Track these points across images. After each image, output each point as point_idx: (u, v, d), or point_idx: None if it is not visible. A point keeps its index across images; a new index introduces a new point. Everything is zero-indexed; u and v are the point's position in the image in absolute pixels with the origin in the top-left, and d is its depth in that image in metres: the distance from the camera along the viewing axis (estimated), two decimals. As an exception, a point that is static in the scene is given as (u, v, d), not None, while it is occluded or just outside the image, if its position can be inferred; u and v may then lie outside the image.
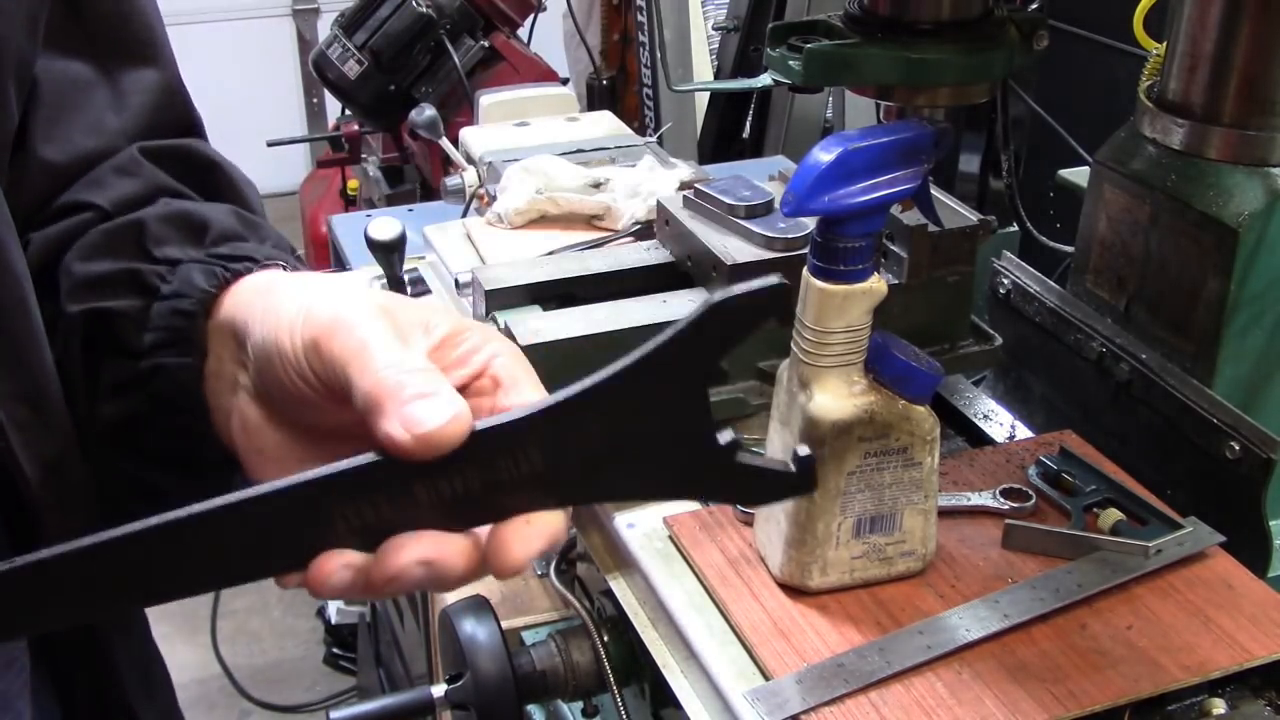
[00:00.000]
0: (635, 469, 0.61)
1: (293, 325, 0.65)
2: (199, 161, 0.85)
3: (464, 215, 1.89)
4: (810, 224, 0.97)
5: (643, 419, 0.59)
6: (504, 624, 1.17)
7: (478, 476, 0.59)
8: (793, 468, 0.62)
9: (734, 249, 1.16)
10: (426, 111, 2.00)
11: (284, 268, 0.75)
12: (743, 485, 0.62)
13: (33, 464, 0.71)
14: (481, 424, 0.59)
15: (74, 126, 0.81)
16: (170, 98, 0.86)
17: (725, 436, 0.60)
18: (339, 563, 0.59)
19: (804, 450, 0.62)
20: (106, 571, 0.59)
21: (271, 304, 0.68)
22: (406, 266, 1.54)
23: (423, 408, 0.58)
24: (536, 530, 0.60)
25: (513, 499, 0.60)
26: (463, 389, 0.63)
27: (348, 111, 2.86)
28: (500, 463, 0.59)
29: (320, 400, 0.65)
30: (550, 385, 1.13)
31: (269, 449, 0.69)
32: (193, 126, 0.88)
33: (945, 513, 1.04)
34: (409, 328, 0.64)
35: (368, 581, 0.59)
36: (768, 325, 0.58)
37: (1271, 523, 1.05)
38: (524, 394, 0.64)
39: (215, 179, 0.85)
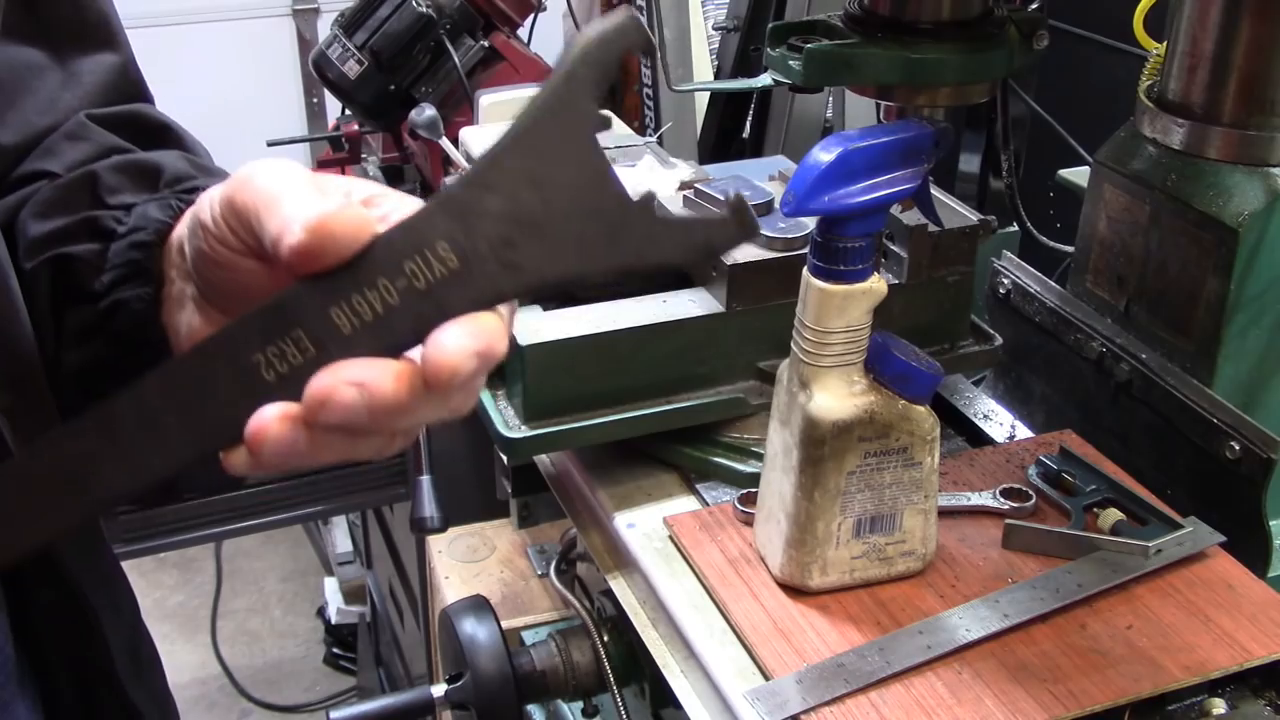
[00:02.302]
0: (551, 244, 0.58)
1: (210, 195, 0.64)
2: (149, 123, 0.85)
3: (464, 215, 1.89)
4: (810, 224, 0.97)
5: (544, 185, 0.57)
6: (504, 624, 1.18)
7: (393, 288, 0.57)
8: (726, 212, 0.58)
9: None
10: (426, 111, 2.00)
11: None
12: (673, 239, 0.58)
13: (20, 447, 0.71)
14: (382, 229, 0.58)
15: (27, 108, 0.81)
16: (124, 78, 0.86)
17: (639, 193, 0.58)
18: (274, 414, 0.56)
19: (733, 193, 0.59)
20: (53, 475, 0.58)
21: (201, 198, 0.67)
22: (406, 266, 1.54)
23: (316, 208, 0.57)
24: (469, 328, 0.56)
25: (436, 306, 0.57)
26: None
27: (348, 111, 2.86)
28: (411, 266, 0.57)
29: (243, 264, 0.63)
30: (551, 385, 1.13)
31: None
32: (145, 102, 0.88)
33: (945, 513, 1.04)
34: (329, 186, 0.62)
35: (306, 426, 0.56)
36: (632, 54, 0.57)
37: (1271, 523, 1.05)
38: None
39: (166, 139, 0.84)
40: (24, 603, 0.76)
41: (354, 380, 0.55)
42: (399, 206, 0.62)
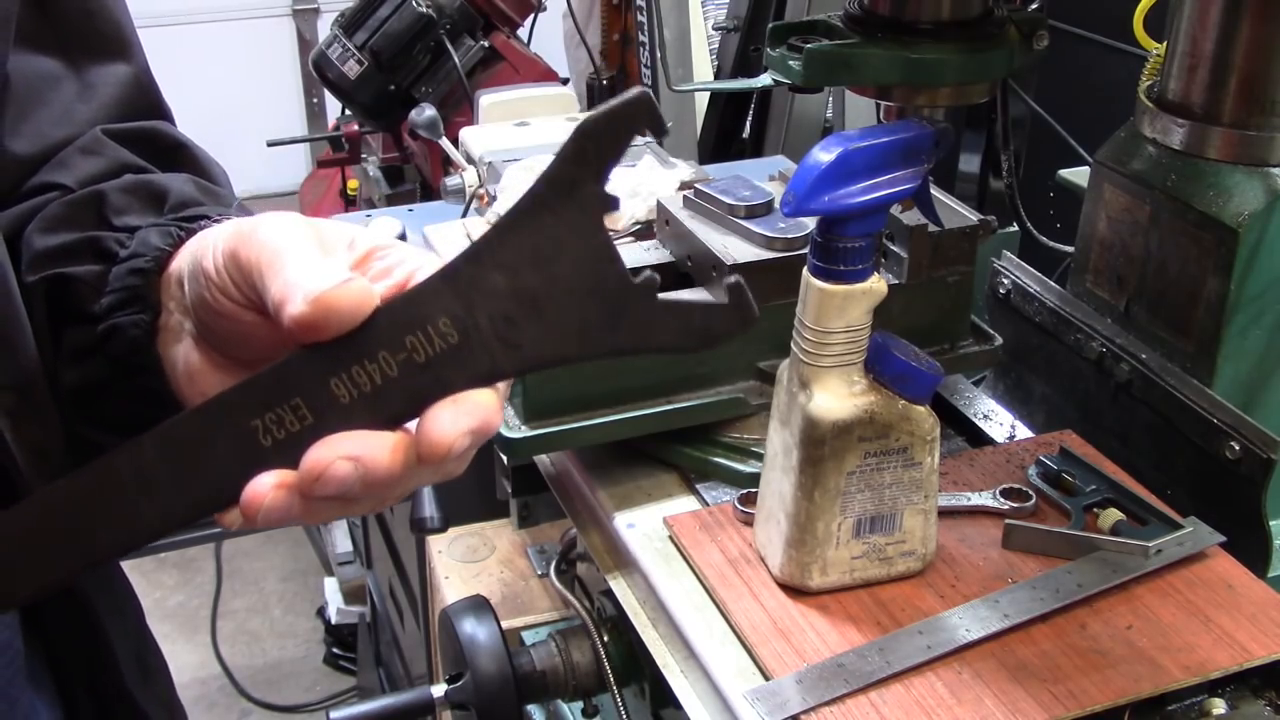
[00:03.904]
0: (552, 324, 0.58)
1: (215, 242, 0.64)
2: (164, 142, 0.85)
3: (464, 215, 1.89)
4: (810, 224, 0.97)
5: (546, 264, 0.57)
6: (504, 624, 1.17)
7: (392, 361, 0.57)
8: (725, 298, 0.58)
9: (734, 249, 1.16)
10: (426, 111, 2.00)
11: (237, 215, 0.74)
12: (672, 326, 0.59)
13: (22, 450, 0.72)
14: (384, 301, 0.58)
15: (43, 120, 0.81)
16: (139, 89, 0.86)
17: (641, 276, 0.58)
18: (269, 483, 0.57)
19: (732, 277, 0.59)
20: (53, 527, 0.58)
21: (201, 237, 0.67)
22: (406, 266, 1.54)
23: (320, 280, 0.57)
24: (465, 408, 0.57)
25: (435, 381, 0.57)
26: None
27: (348, 111, 2.86)
28: (411, 339, 0.57)
29: (245, 317, 0.64)
30: (550, 385, 1.13)
31: (211, 393, 0.68)
32: (162, 115, 0.88)
33: (945, 513, 1.04)
34: (332, 241, 0.62)
35: (301, 495, 0.57)
36: (641, 135, 0.56)
37: (1271, 523, 1.05)
38: None
39: (180, 157, 0.85)
40: (35, 606, 0.76)
41: (350, 455, 0.56)
42: (403, 259, 0.63)
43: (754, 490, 1.05)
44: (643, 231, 1.51)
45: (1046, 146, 1.74)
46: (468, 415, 0.57)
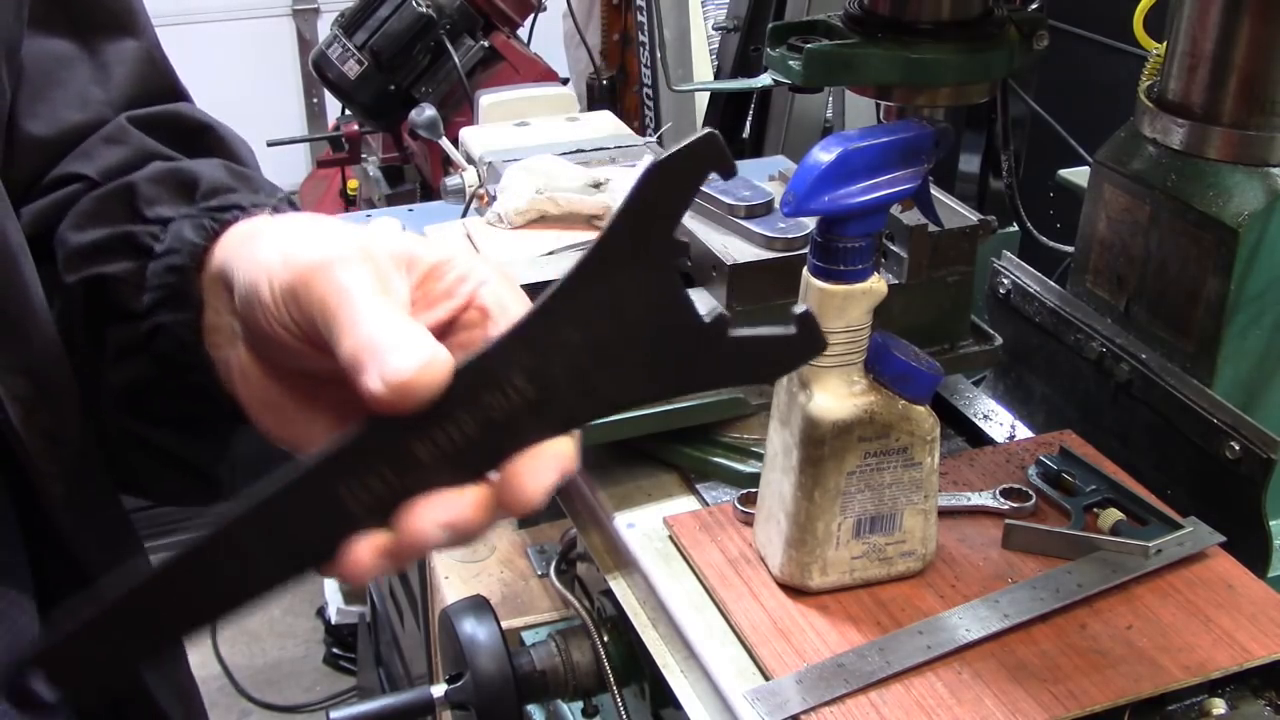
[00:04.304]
0: (627, 370, 0.58)
1: (270, 272, 0.64)
2: (189, 125, 0.85)
3: (464, 215, 1.89)
4: (810, 224, 0.97)
5: (618, 313, 0.57)
6: (504, 624, 1.17)
7: (471, 420, 0.58)
8: (793, 329, 0.58)
9: (734, 249, 1.16)
10: (426, 111, 2.00)
11: (272, 211, 0.73)
12: (744, 361, 0.59)
13: (33, 436, 0.72)
14: (458, 362, 0.57)
15: (59, 101, 0.81)
16: (152, 66, 0.86)
17: (709, 313, 0.58)
18: (368, 552, 0.59)
19: (800, 307, 0.59)
20: (146, 614, 0.59)
21: (252, 251, 0.67)
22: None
23: (397, 358, 0.57)
24: (545, 462, 0.59)
25: (513, 435, 0.58)
26: (451, 322, 0.63)
27: (348, 111, 2.86)
28: (489, 399, 0.58)
29: (304, 348, 0.64)
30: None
31: (269, 398, 0.68)
32: (176, 92, 0.88)
33: (945, 513, 1.04)
34: (389, 270, 0.62)
35: (397, 558, 0.59)
36: (710, 177, 0.56)
37: (1271, 523, 1.05)
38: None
39: (206, 140, 0.84)
40: (48, 591, 0.77)
41: (443, 523, 0.58)
42: (465, 274, 0.63)
43: (754, 490, 1.05)
44: (643, 231, 1.51)
45: (1046, 146, 1.74)
46: (548, 468, 0.59)
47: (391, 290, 0.61)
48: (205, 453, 0.81)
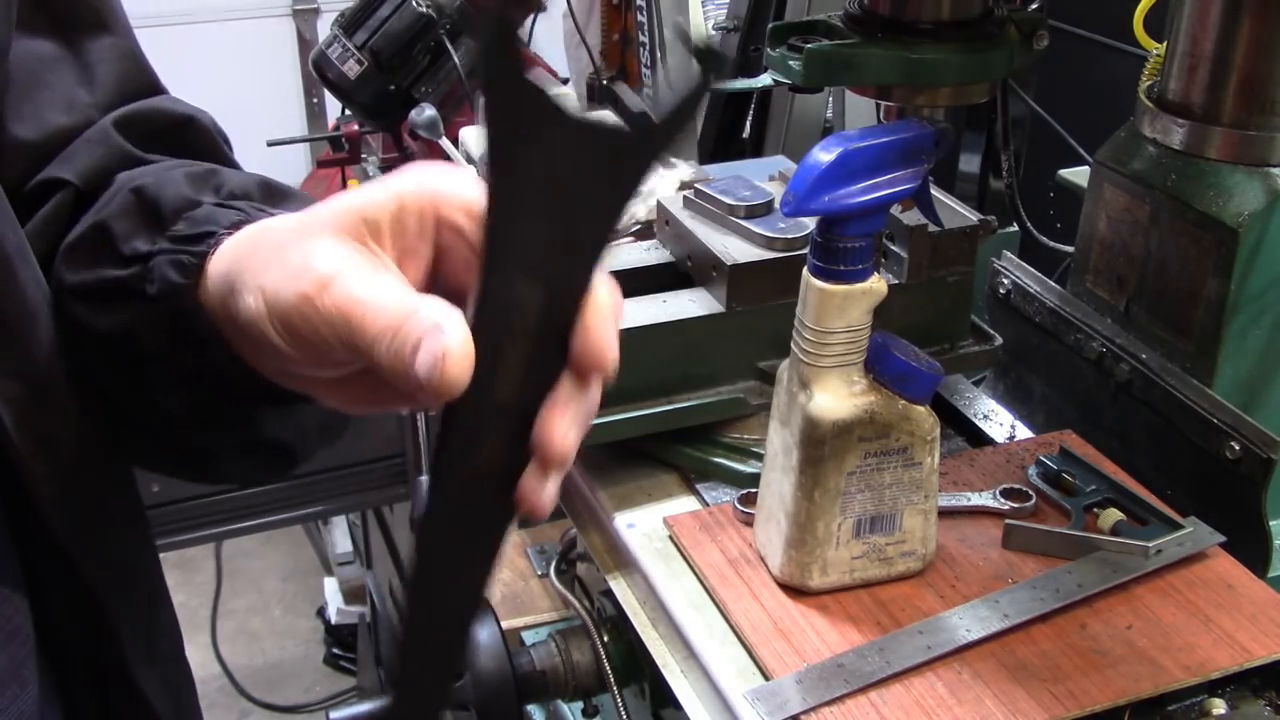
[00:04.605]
0: (588, 207, 0.59)
1: (269, 313, 0.65)
2: (171, 118, 0.86)
3: (464, 215, 1.89)
4: (810, 224, 0.97)
5: (549, 171, 0.57)
6: (504, 624, 1.17)
7: (515, 343, 0.60)
8: (694, 62, 0.58)
9: (734, 249, 1.16)
10: (426, 111, 2.00)
11: (239, 225, 0.74)
12: (670, 121, 0.58)
13: (25, 438, 0.72)
14: (470, 317, 0.58)
15: (44, 104, 0.82)
16: (134, 64, 0.87)
17: (625, 123, 0.57)
18: (534, 487, 0.61)
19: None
20: (430, 649, 0.64)
21: (240, 298, 0.67)
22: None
23: (426, 352, 0.58)
24: (599, 315, 0.60)
25: (554, 334, 0.60)
26: (438, 257, 0.64)
27: (348, 111, 2.86)
28: (516, 321, 0.59)
29: (323, 372, 0.66)
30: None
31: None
32: (156, 88, 0.89)
33: (945, 513, 1.04)
34: (368, 256, 0.63)
35: (556, 475, 0.62)
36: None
37: (1271, 523, 1.05)
38: (471, 225, 0.63)
39: (188, 133, 0.86)
40: (39, 589, 0.77)
41: (564, 434, 0.61)
42: (422, 207, 0.63)
43: (754, 490, 1.05)
44: (643, 231, 1.51)
45: (1046, 146, 1.74)
46: (603, 324, 0.60)
47: (385, 274, 0.62)
48: (276, 428, 0.83)
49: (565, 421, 0.61)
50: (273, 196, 0.79)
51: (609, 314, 0.60)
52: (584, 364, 0.60)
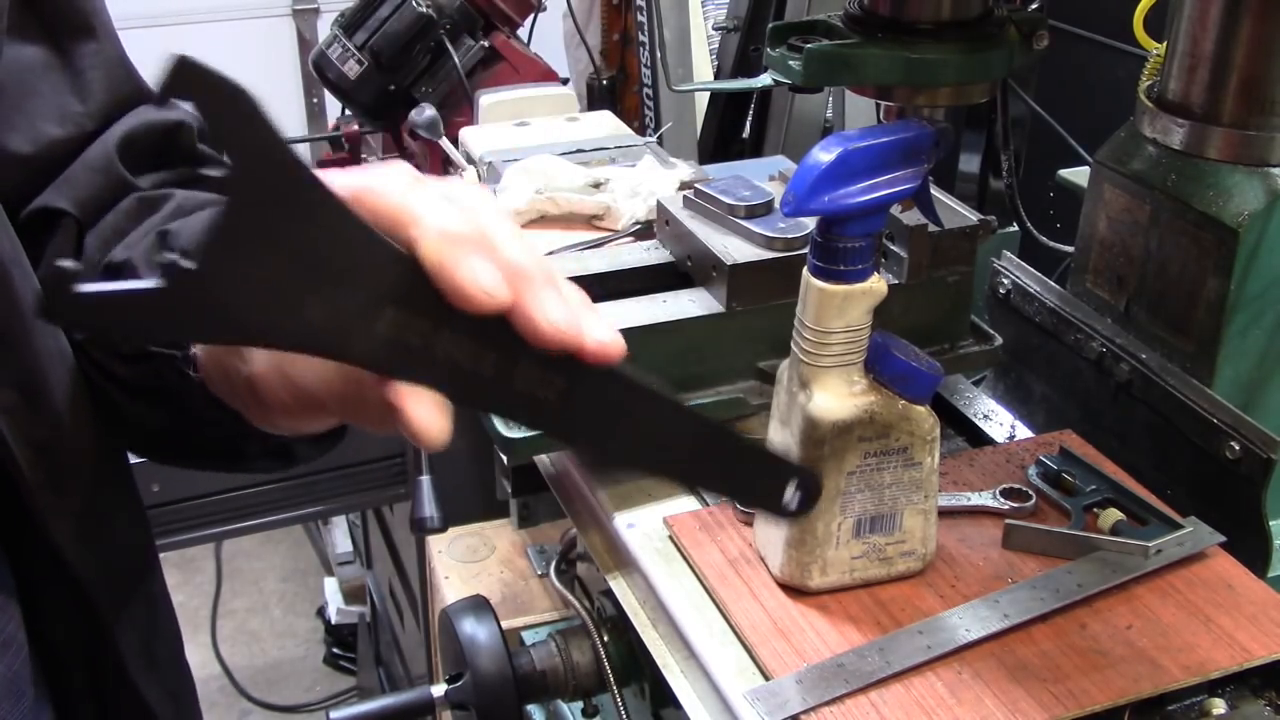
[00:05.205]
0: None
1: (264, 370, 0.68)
2: (162, 128, 0.87)
3: (464, 215, 1.89)
4: (810, 224, 0.97)
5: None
6: (504, 624, 1.17)
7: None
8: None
9: (734, 249, 1.16)
10: (426, 111, 2.00)
11: None
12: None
13: (22, 446, 0.72)
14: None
15: (36, 114, 0.82)
16: (121, 70, 0.88)
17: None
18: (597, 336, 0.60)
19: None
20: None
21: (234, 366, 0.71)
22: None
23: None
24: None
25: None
26: None
27: (348, 111, 2.86)
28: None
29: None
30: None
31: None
32: (144, 92, 0.90)
33: (945, 513, 1.04)
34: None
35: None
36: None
37: (1271, 523, 1.05)
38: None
39: (179, 137, 0.87)
40: (34, 596, 0.77)
41: (605, 330, 0.60)
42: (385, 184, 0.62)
43: (754, 490, 1.04)
44: (643, 231, 1.52)
45: (1046, 146, 1.74)
46: (442, 269, 0.57)
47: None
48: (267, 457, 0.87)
49: (546, 318, 0.58)
50: None
51: (441, 255, 0.57)
52: (462, 301, 0.57)
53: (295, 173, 0.55)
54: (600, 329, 0.59)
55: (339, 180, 0.58)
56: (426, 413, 0.57)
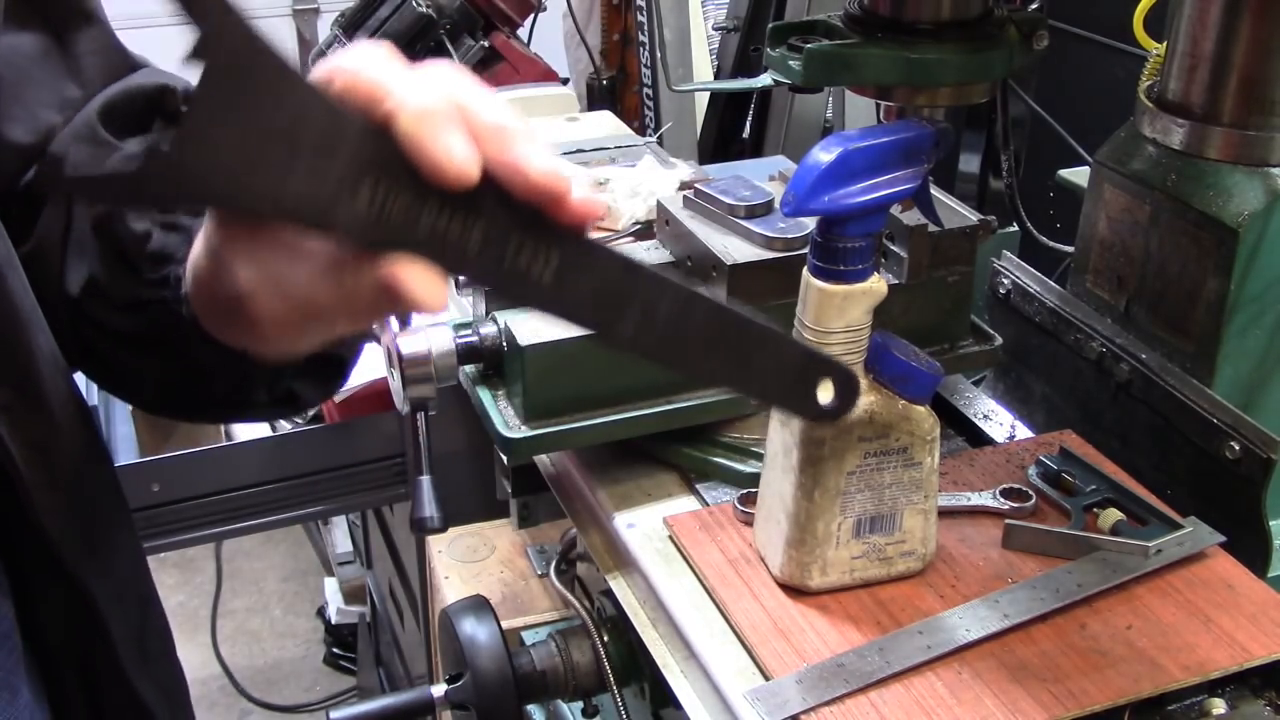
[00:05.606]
0: None
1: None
2: (147, 94, 0.87)
3: (464, 215, 1.88)
4: (810, 224, 0.97)
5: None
6: (504, 624, 1.18)
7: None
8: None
9: (734, 249, 1.16)
10: (427, 111, 2.00)
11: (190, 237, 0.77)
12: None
13: (18, 444, 0.73)
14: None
15: (35, 102, 0.82)
16: (117, 55, 0.88)
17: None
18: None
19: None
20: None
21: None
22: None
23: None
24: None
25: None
26: None
27: (348, 111, 2.86)
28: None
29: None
30: (551, 385, 1.13)
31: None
32: (138, 69, 0.90)
33: (945, 513, 1.04)
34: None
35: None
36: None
37: (1271, 523, 1.05)
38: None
39: (165, 103, 0.87)
40: (26, 591, 0.77)
41: (585, 190, 0.59)
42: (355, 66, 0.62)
43: (754, 490, 1.05)
44: (643, 231, 1.52)
45: (1046, 146, 1.74)
46: (417, 140, 0.57)
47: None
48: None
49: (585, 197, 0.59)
50: None
51: (416, 129, 0.57)
52: (437, 176, 0.57)
53: (262, 46, 0.56)
54: (581, 189, 0.59)
55: (316, 68, 0.60)
56: (420, 278, 0.57)
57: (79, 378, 0.87)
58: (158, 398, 0.89)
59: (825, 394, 0.70)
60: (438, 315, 0.61)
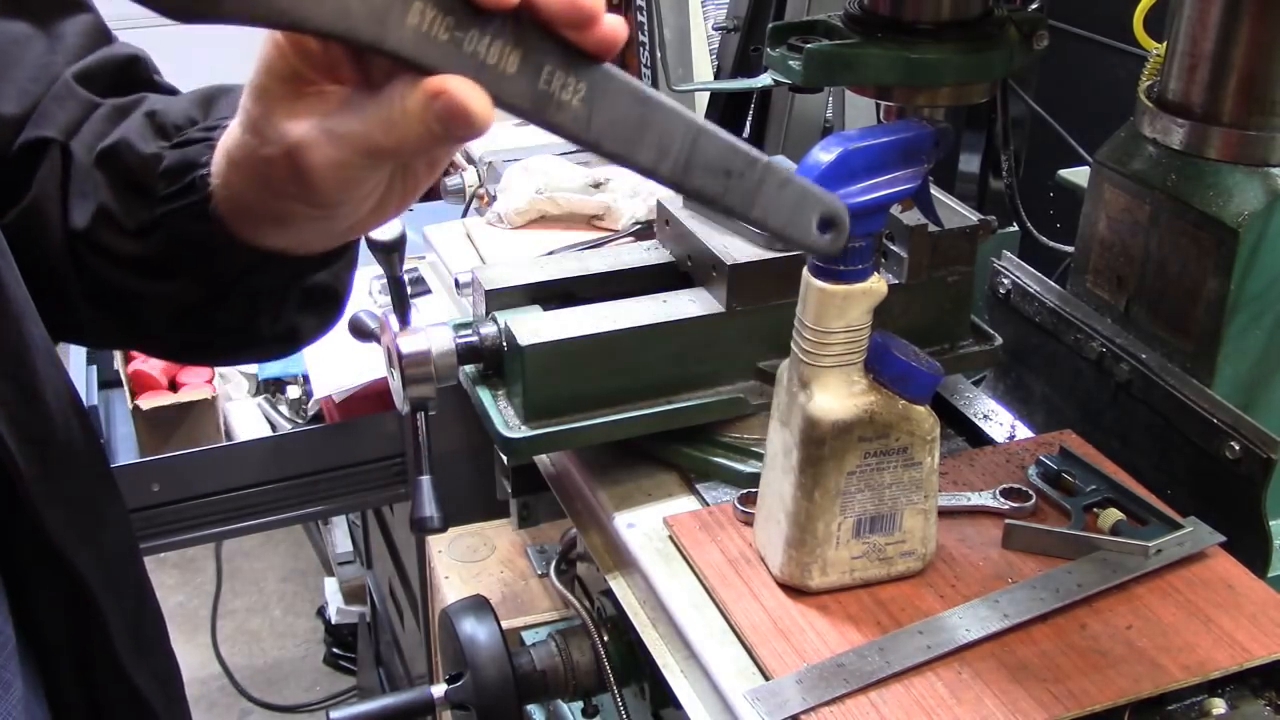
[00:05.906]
0: None
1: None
2: (119, 61, 0.89)
3: (464, 215, 1.89)
4: (810, 224, 0.97)
5: None
6: (504, 624, 1.18)
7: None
8: None
9: (734, 249, 1.16)
10: (427, 111, 1.99)
11: (212, 141, 0.77)
12: None
13: (15, 436, 0.73)
14: None
15: (21, 79, 0.84)
16: (104, 36, 0.91)
17: None
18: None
19: None
20: None
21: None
22: (407, 266, 1.54)
23: None
24: None
25: None
26: None
27: (348, 111, 2.86)
28: None
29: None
30: (551, 385, 1.13)
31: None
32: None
33: (945, 513, 1.04)
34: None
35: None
36: None
37: (1271, 523, 1.05)
38: None
39: (135, 69, 0.90)
40: (22, 585, 0.77)
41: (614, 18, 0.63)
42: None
43: (754, 490, 1.05)
44: (643, 231, 1.52)
45: (1046, 146, 1.74)
46: None
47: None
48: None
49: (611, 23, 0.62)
50: (212, 104, 0.84)
51: None
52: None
53: None
54: (611, 18, 0.63)
55: None
56: (468, 89, 0.61)
57: (78, 379, 0.87)
58: (167, 331, 0.89)
59: (818, 227, 0.75)
60: (481, 134, 0.64)
